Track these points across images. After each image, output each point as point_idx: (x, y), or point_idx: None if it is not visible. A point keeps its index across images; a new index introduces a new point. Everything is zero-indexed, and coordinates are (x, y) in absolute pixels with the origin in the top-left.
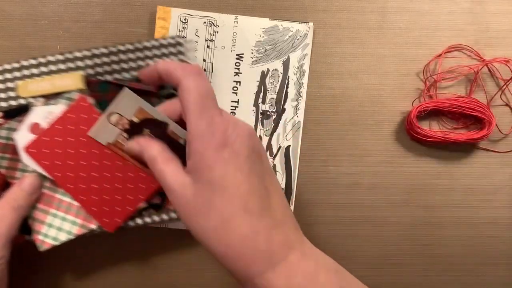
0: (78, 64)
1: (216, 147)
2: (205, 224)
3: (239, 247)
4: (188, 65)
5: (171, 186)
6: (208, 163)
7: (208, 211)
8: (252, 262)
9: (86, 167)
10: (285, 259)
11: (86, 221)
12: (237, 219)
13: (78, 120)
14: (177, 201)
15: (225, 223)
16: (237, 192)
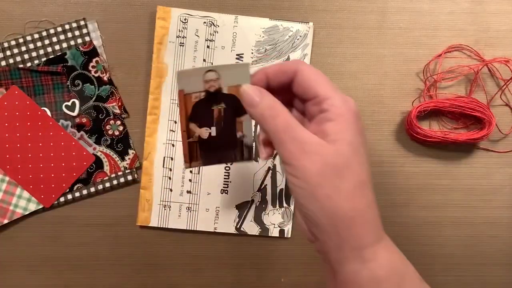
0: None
1: (355, 116)
2: (340, 185)
3: (365, 213)
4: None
5: (308, 142)
6: (351, 127)
7: (346, 172)
8: (368, 231)
9: (22, 149)
10: (384, 235)
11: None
12: (368, 184)
13: (12, 107)
14: (313, 158)
15: (360, 186)
16: (367, 159)
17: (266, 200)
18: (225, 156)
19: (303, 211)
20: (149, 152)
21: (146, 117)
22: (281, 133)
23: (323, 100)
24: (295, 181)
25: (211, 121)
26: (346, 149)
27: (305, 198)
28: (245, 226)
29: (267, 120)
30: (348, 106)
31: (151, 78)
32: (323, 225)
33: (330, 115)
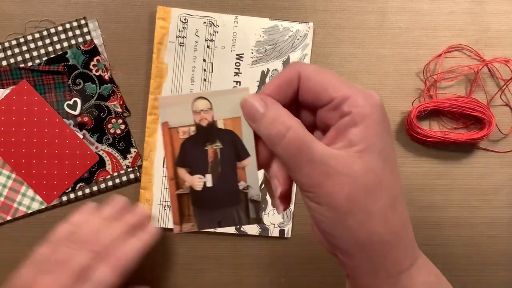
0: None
1: (381, 112)
2: (372, 207)
3: (401, 233)
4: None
5: (333, 163)
6: (380, 128)
7: (378, 190)
8: (404, 255)
9: (28, 144)
10: (419, 253)
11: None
12: (401, 198)
13: (20, 102)
14: (340, 181)
15: (393, 203)
16: (397, 164)
17: (266, 200)
18: (226, 216)
19: (326, 237)
20: (149, 152)
21: (147, 117)
22: (295, 155)
23: (342, 101)
24: (318, 209)
25: (205, 166)
26: (377, 161)
27: (331, 227)
28: (245, 226)
29: (275, 139)
30: (372, 102)
31: (151, 78)
32: (354, 252)
33: (354, 117)
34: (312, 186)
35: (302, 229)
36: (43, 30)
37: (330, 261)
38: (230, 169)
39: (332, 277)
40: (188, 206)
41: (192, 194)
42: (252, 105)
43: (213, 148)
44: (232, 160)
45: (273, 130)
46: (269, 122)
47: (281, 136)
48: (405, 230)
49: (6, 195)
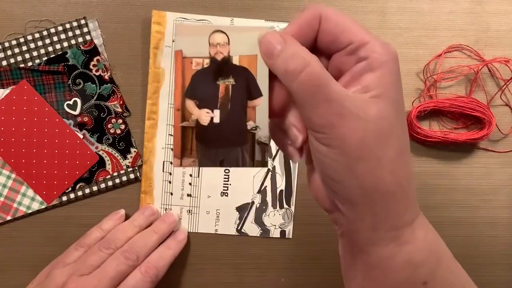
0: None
1: (396, 63)
2: (382, 155)
3: (406, 185)
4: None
5: (347, 104)
6: (395, 78)
7: (389, 138)
8: (407, 208)
9: (28, 143)
10: (420, 213)
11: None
12: (408, 150)
13: (20, 102)
14: (353, 124)
15: (402, 153)
16: (405, 117)
17: (266, 201)
18: (230, 156)
19: (331, 184)
20: (149, 157)
21: (145, 121)
22: (311, 92)
23: (360, 46)
24: (327, 153)
25: (214, 100)
26: (390, 108)
27: (339, 172)
28: (245, 227)
29: (292, 74)
30: (389, 51)
31: (148, 83)
32: (358, 202)
33: (371, 63)
34: (324, 126)
35: (302, 229)
36: (43, 30)
37: (330, 261)
38: (240, 107)
39: (332, 277)
40: (191, 140)
41: (197, 128)
42: (270, 41)
43: (225, 84)
44: (243, 99)
45: (291, 65)
46: (287, 57)
47: (299, 71)
48: (409, 183)
49: (6, 195)
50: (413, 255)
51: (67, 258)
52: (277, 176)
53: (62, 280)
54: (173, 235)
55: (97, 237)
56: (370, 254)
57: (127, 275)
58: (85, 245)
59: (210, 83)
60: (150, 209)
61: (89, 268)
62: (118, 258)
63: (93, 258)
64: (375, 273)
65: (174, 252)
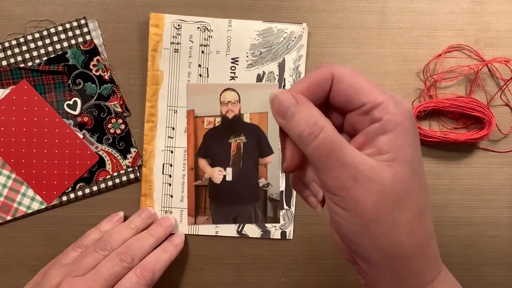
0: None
1: (412, 122)
2: (399, 217)
3: (426, 245)
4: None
5: (362, 168)
6: (410, 139)
7: (406, 201)
8: (428, 267)
9: (28, 143)
10: (442, 267)
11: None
12: (427, 210)
13: (20, 102)
14: (368, 188)
15: (420, 215)
16: (425, 177)
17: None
18: (242, 213)
19: (348, 243)
20: (148, 160)
21: (144, 124)
22: (325, 156)
23: (373, 107)
24: (343, 215)
25: (227, 159)
26: (407, 171)
27: (355, 233)
28: (246, 229)
29: (307, 138)
30: (403, 110)
31: (147, 86)
32: (376, 262)
33: (385, 125)
34: (339, 189)
35: (302, 231)
36: (43, 30)
37: (330, 261)
38: (252, 165)
39: (332, 277)
40: (204, 199)
41: (211, 186)
42: (283, 102)
43: (237, 142)
44: (255, 156)
45: (305, 130)
46: (301, 121)
47: (314, 137)
48: (429, 243)
49: (6, 195)
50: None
51: (64, 258)
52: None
53: (57, 281)
54: (170, 239)
55: (95, 238)
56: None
57: (121, 277)
58: (83, 246)
59: (222, 141)
60: (147, 212)
61: (84, 269)
62: (113, 259)
63: (89, 259)
64: None
65: (171, 255)
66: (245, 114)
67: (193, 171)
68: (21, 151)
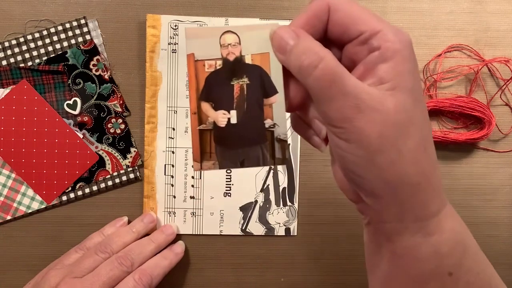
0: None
1: (411, 50)
2: (403, 146)
3: (431, 175)
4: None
5: (364, 97)
6: (410, 66)
7: (409, 129)
8: (433, 198)
9: (28, 143)
10: (446, 199)
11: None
12: (431, 138)
13: (20, 101)
14: (371, 117)
15: (424, 143)
16: (425, 104)
17: (270, 200)
18: (250, 155)
19: (353, 178)
20: (150, 161)
21: (144, 126)
22: (327, 87)
23: (371, 35)
24: (346, 147)
25: (230, 101)
26: (408, 99)
27: (359, 165)
28: (250, 227)
29: (307, 69)
30: (402, 38)
31: (146, 87)
32: (382, 194)
33: (384, 53)
34: (342, 120)
35: (303, 229)
36: (43, 29)
37: (330, 261)
38: (257, 106)
39: (332, 277)
40: (209, 143)
41: (215, 130)
42: (283, 36)
43: (240, 84)
44: (259, 97)
45: (305, 61)
46: (301, 53)
47: (314, 67)
48: (434, 172)
49: (6, 195)
50: (439, 246)
51: (66, 260)
52: (279, 174)
53: (56, 281)
54: (171, 247)
55: (98, 242)
56: (396, 243)
57: (120, 280)
58: (85, 249)
59: (224, 84)
60: (150, 217)
61: (83, 271)
62: (113, 263)
63: (88, 261)
64: (401, 262)
65: (170, 263)
66: (246, 55)
67: (196, 115)
68: (21, 151)
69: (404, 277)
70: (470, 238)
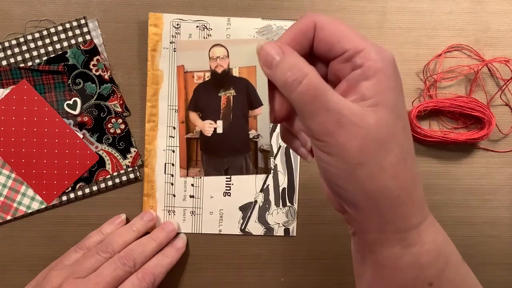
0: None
1: (394, 67)
2: (384, 161)
3: (411, 189)
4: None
5: (346, 113)
6: (392, 84)
7: (390, 144)
8: (413, 211)
9: (28, 143)
10: (428, 212)
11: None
12: (412, 154)
13: (20, 101)
14: (352, 132)
15: (404, 158)
16: (407, 120)
17: (269, 200)
18: (234, 164)
19: (335, 189)
20: (150, 159)
21: (145, 124)
22: (310, 102)
23: (354, 53)
24: (329, 160)
25: (217, 112)
26: (389, 115)
27: (341, 178)
28: (249, 227)
29: (291, 85)
30: (384, 56)
31: (147, 85)
32: (363, 206)
33: (366, 71)
34: (324, 134)
35: (303, 229)
36: (43, 30)
37: (330, 261)
38: (242, 117)
39: (332, 277)
40: (196, 151)
41: (202, 139)
42: (269, 52)
43: (227, 95)
44: (245, 108)
45: (290, 77)
46: (286, 69)
47: (298, 82)
48: (414, 186)
49: (6, 195)
50: (419, 257)
51: (66, 260)
52: (279, 175)
53: (58, 282)
54: (172, 242)
55: (97, 240)
56: (378, 254)
57: (123, 280)
58: (85, 248)
59: (212, 95)
60: (150, 215)
61: (86, 271)
62: (115, 263)
63: (90, 261)
64: (383, 271)
65: (172, 260)
66: (234, 68)
67: (184, 124)
68: (21, 151)
69: (386, 286)
70: (453, 249)
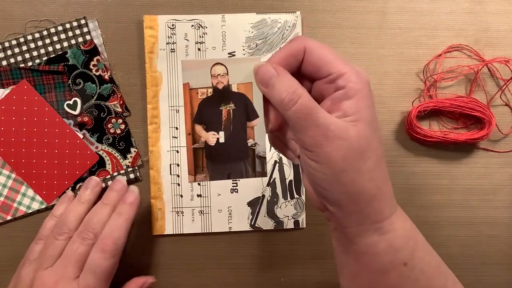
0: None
1: (369, 88)
2: (363, 167)
3: (384, 187)
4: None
5: (332, 128)
6: (369, 102)
7: (367, 152)
8: (386, 205)
9: (28, 143)
10: (397, 205)
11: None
12: (384, 158)
13: (20, 101)
14: (337, 144)
15: (378, 164)
16: (379, 131)
17: (277, 193)
18: (235, 169)
19: (320, 191)
20: (155, 161)
21: (147, 115)
22: (303, 119)
23: (338, 77)
24: (316, 167)
25: (219, 124)
26: (367, 129)
27: (327, 182)
28: (259, 222)
29: (287, 104)
30: (362, 79)
31: (146, 88)
32: (344, 204)
33: (348, 92)
34: (314, 146)
35: (307, 228)
36: (43, 30)
37: (330, 261)
38: (241, 128)
39: (332, 276)
40: (202, 159)
41: (206, 148)
42: (265, 73)
43: (227, 109)
44: (243, 120)
45: (286, 97)
46: (282, 90)
47: (293, 103)
48: (386, 185)
49: (6, 195)
50: (393, 241)
51: (31, 255)
52: (285, 167)
53: (30, 278)
54: (123, 199)
55: (52, 225)
56: (358, 244)
57: (88, 254)
58: (43, 237)
59: (214, 109)
60: (93, 181)
61: (51, 259)
62: (76, 241)
63: (52, 248)
64: (364, 258)
65: (128, 216)
66: (233, 84)
67: (191, 136)
68: (21, 151)
69: (368, 271)
70: (419, 234)
